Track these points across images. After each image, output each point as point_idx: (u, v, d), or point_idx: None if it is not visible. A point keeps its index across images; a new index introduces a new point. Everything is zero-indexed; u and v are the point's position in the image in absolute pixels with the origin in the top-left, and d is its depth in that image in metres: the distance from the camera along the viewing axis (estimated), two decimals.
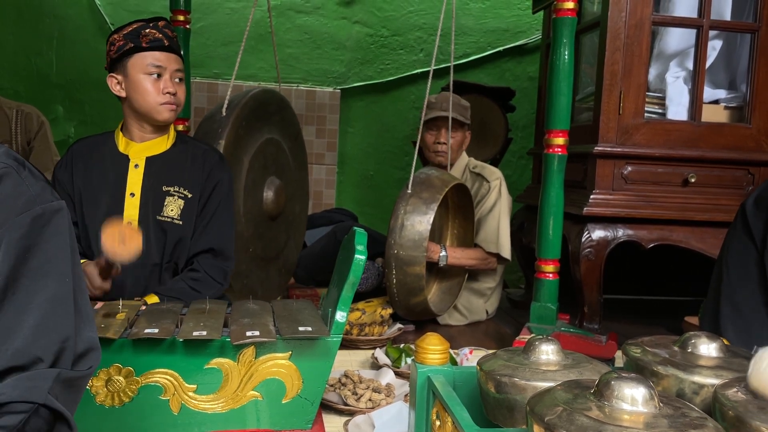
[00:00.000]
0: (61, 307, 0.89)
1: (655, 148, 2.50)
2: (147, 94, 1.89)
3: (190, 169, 1.98)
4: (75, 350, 0.88)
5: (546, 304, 2.32)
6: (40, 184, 0.93)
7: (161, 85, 1.89)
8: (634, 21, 2.46)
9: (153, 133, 1.98)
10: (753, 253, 1.59)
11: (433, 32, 4.04)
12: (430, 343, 1.21)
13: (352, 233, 1.52)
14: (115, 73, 1.93)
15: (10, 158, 0.92)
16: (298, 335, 1.41)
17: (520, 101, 3.78)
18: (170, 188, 1.95)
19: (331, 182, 4.01)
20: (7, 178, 0.89)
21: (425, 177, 2.47)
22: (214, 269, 1.94)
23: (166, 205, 1.94)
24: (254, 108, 2.43)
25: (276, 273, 2.70)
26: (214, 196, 1.97)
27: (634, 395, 0.81)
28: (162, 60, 1.89)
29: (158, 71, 1.89)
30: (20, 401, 0.81)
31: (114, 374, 1.38)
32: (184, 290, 1.86)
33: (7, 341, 0.85)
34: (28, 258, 0.88)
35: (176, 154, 2.00)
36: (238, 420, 1.46)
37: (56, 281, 0.90)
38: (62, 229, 0.93)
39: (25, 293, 0.87)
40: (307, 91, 3.90)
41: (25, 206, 0.89)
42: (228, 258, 1.98)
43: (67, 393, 0.87)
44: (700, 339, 1.14)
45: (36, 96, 3.70)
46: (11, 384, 0.82)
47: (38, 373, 0.84)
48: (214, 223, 1.97)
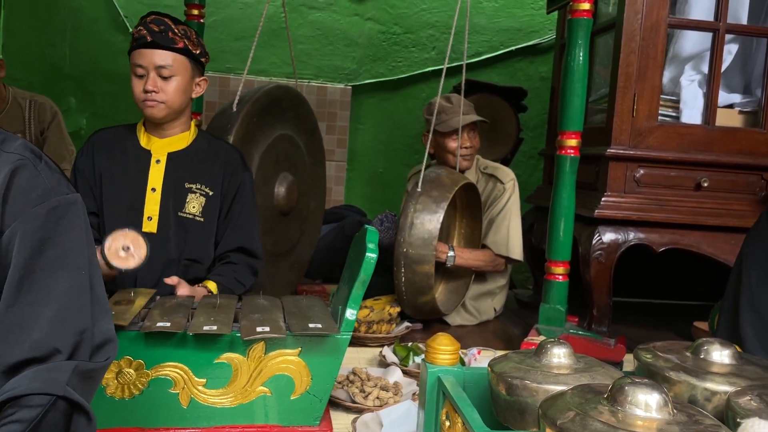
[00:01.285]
0: (78, 299, 0.90)
1: (668, 151, 2.49)
2: (133, 93, 1.90)
3: (211, 167, 1.98)
4: (92, 342, 0.89)
5: (555, 305, 2.31)
6: (55, 176, 0.93)
7: (143, 84, 1.87)
8: (649, 23, 2.45)
9: (170, 129, 1.97)
10: None
11: (445, 30, 4.03)
12: (441, 343, 1.21)
13: (363, 231, 1.52)
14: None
15: (27, 150, 0.92)
16: (308, 332, 1.41)
17: (531, 101, 3.77)
18: (192, 185, 1.95)
19: (340, 179, 4.01)
20: (24, 170, 0.90)
21: (435, 176, 2.46)
22: (246, 265, 1.97)
23: (188, 202, 1.94)
24: (266, 104, 2.43)
25: (287, 268, 2.70)
26: (239, 196, 1.99)
27: (648, 401, 0.81)
28: (142, 58, 1.86)
29: (140, 71, 1.87)
30: (38, 393, 0.82)
31: (124, 367, 1.39)
32: (232, 282, 1.91)
33: (24, 333, 0.85)
34: (43, 250, 0.89)
35: (198, 151, 2.00)
36: (247, 415, 1.46)
37: (72, 273, 0.91)
38: (78, 221, 0.93)
39: (41, 285, 0.88)
40: (319, 87, 3.90)
41: (40, 198, 0.89)
42: (257, 256, 2.01)
43: (85, 384, 0.88)
44: (713, 345, 1.13)
45: (49, 87, 3.71)
46: (29, 376, 0.83)
47: (56, 365, 0.85)
48: (242, 223, 1.98)
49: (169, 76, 1.87)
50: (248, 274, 1.97)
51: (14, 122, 2.97)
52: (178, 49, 1.88)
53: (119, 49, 3.79)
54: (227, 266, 1.95)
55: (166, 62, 1.86)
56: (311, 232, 2.87)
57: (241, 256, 1.98)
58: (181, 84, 1.90)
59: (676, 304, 3.34)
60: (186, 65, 1.91)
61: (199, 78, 1.99)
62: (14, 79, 3.52)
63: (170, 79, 1.88)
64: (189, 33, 1.94)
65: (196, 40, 1.95)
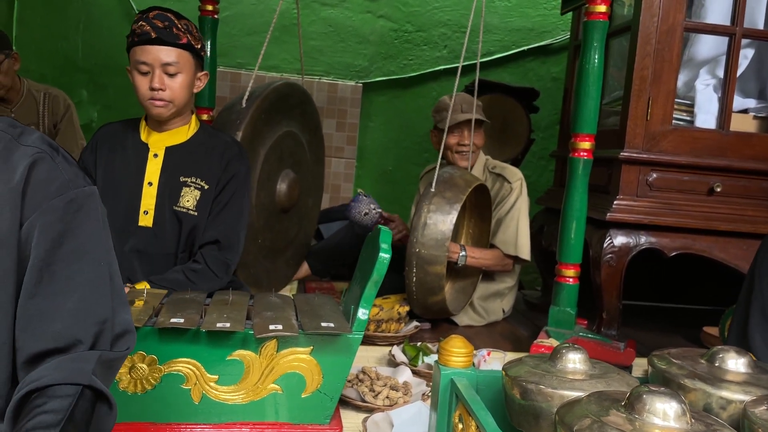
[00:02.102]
0: (98, 290, 0.91)
1: (681, 155, 2.47)
2: (137, 90, 1.87)
3: (208, 161, 1.97)
4: (113, 331, 0.90)
5: (565, 308, 2.31)
6: (73, 169, 0.94)
7: (148, 81, 1.84)
8: (665, 26, 2.44)
9: (170, 123, 1.96)
10: None
11: (457, 29, 4.02)
12: (454, 345, 1.21)
13: (376, 231, 1.52)
14: (129, 67, 1.92)
15: (44, 144, 0.93)
16: (321, 331, 1.41)
17: (542, 102, 3.76)
18: (187, 179, 1.94)
19: (349, 176, 4.01)
20: (42, 163, 0.91)
21: (449, 176, 2.46)
22: (217, 262, 1.90)
23: (182, 196, 1.93)
24: (275, 101, 2.44)
25: (284, 264, 2.71)
26: (228, 187, 1.95)
27: (666, 410, 0.81)
28: (148, 54, 1.82)
29: (144, 68, 1.83)
30: (66, 383, 0.82)
31: (138, 362, 1.40)
32: (179, 281, 1.83)
33: (44, 324, 0.86)
34: (62, 242, 0.89)
35: (196, 145, 1.99)
36: (258, 412, 1.47)
37: (91, 264, 0.91)
38: (95, 213, 0.94)
39: (60, 277, 0.89)
40: (329, 84, 3.90)
41: (58, 191, 0.90)
42: (233, 251, 1.95)
43: (106, 374, 0.89)
44: (729, 353, 1.13)
45: (61, 80, 3.73)
46: (53, 366, 0.84)
47: (80, 355, 0.86)
48: (224, 215, 1.94)
49: (175, 73, 1.85)
50: (210, 273, 1.89)
51: (28, 114, 2.98)
52: (182, 45, 1.85)
53: None
54: (186, 265, 1.90)
55: (171, 59, 1.83)
56: (307, 228, 2.89)
57: (213, 251, 1.91)
58: (186, 80, 1.88)
59: (686, 309, 3.33)
60: (190, 61, 1.89)
61: (200, 73, 1.97)
62: (27, 71, 3.53)
63: (176, 76, 1.85)
64: (191, 28, 1.91)
65: (197, 34, 1.93)
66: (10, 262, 0.88)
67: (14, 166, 0.89)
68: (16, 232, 0.88)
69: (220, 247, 1.93)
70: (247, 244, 2.28)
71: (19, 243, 0.88)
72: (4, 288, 0.87)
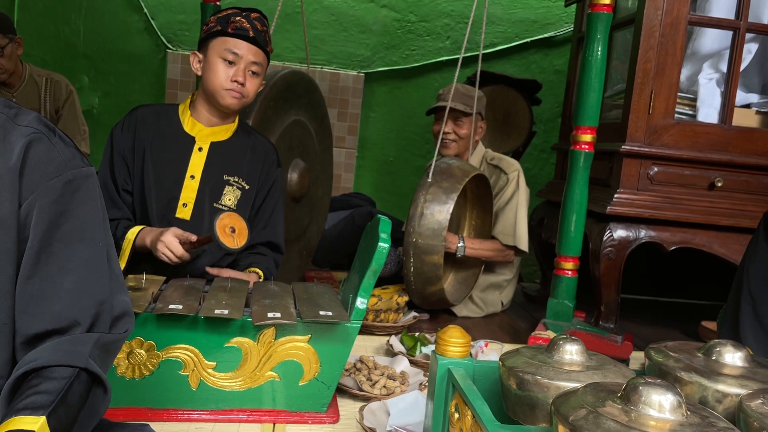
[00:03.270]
0: (96, 271, 0.91)
1: (683, 149, 2.47)
2: (216, 77, 1.88)
3: (251, 163, 2.00)
4: (111, 313, 0.90)
5: (563, 301, 2.31)
6: (70, 150, 0.94)
7: (232, 72, 1.88)
8: (669, 20, 2.42)
9: (220, 118, 1.97)
10: None
11: (461, 20, 4.00)
12: (452, 335, 1.21)
13: (376, 221, 1.52)
14: (199, 51, 1.94)
15: (40, 124, 0.93)
16: (319, 319, 1.41)
17: (544, 94, 3.75)
18: (230, 177, 1.96)
19: (350, 166, 4.01)
20: (39, 143, 0.90)
21: (446, 166, 2.46)
22: (272, 260, 2.04)
23: (224, 194, 1.95)
24: (282, 89, 2.43)
25: (296, 255, 2.71)
26: (272, 192, 2.04)
27: (661, 402, 0.81)
28: (240, 48, 1.87)
29: (233, 58, 1.87)
30: (62, 365, 0.82)
31: (136, 347, 1.40)
32: (269, 272, 1.98)
33: (43, 305, 0.86)
34: (61, 223, 0.89)
35: (239, 144, 2.00)
36: (255, 399, 1.47)
37: (89, 246, 0.91)
38: (93, 194, 0.94)
39: (59, 257, 0.89)
40: (331, 74, 3.89)
41: (56, 171, 0.90)
42: (281, 251, 2.08)
43: (104, 356, 0.89)
44: (725, 347, 1.13)
45: (62, 65, 3.72)
46: (51, 348, 0.84)
47: (78, 338, 0.86)
48: (274, 220, 2.05)
49: (256, 74, 1.92)
50: (274, 267, 2.04)
51: (30, 99, 2.98)
52: (267, 52, 1.95)
53: (134, 30, 3.78)
54: (261, 257, 2.01)
55: (259, 60, 1.91)
56: (319, 219, 2.88)
57: (268, 250, 2.04)
58: (259, 83, 1.96)
59: (685, 303, 3.33)
60: (265, 68, 1.98)
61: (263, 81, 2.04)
62: (28, 56, 3.52)
63: (256, 77, 1.93)
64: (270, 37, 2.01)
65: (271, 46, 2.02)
66: (9, 243, 0.87)
67: (11, 146, 0.88)
68: (15, 213, 0.88)
69: (273, 248, 2.05)
70: None
71: (18, 224, 0.88)
72: (4, 269, 0.87)
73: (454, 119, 2.69)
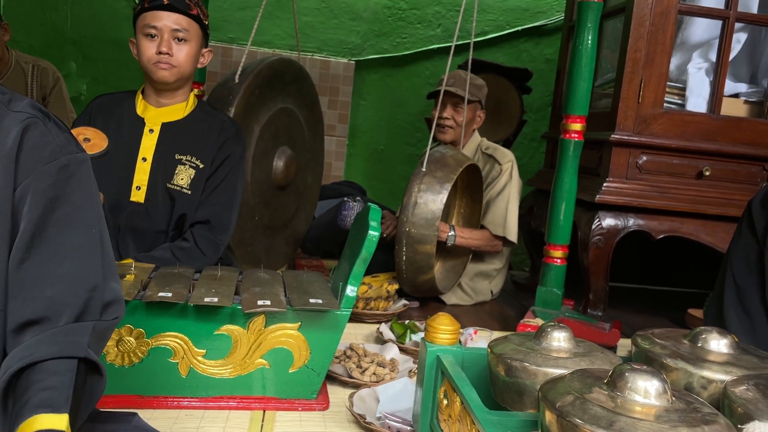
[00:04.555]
0: (89, 257, 0.90)
1: (672, 139, 2.48)
2: (143, 54, 1.87)
3: (205, 140, 1.96)
4: (103, 299, 0.89)
5: (552, 289, 2.33)
6: (65, 135, 0.93)
7: (155, 45, 1.85)
8: (659, 9, 2.43)
9: (169, 98, 1.95)
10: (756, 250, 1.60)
11: (452, 7, 3.99)
12: (441, 322, 1.22)
13: (366, 209, 1.52)
14: (134, 37, 1.93)
15: (35, 109, 0.92)
16: (309, 307, 1.42)
17: (535, 83, 3.75)
18: (182, 157, 1.93)
19: (340, 154, 4.00)
20: (34, 128, 0.90)
21: (440, 156, 2.46)
22: (206, 241, 1.90)
23: (176, 174, 1.92)
24: (269, 77, 2.41)
25: (283, 242, 2.71)
26: (222, 167, 1.95)
27: (647, 388, 0.82)
28: (158, 19, 1.84)
29: (153, 31, 1.85)
30: (62, 357, 0.82)
31: (125, 335, 1.40)
32: (165, 258, 1.82)
33: (36, 290, 0.85)
34: (55, 208, 0.89)
35: (193, 123, 1.97)
36: (245, 386, 1.48)
37: (83, 231, 0.91)
38: (87, 180, 0.94)
39: (52, 242, 0.88)
40: (322, 61, 3.87)
41: (51, 156, 0.89)
42: (223, 231, 1.94)
43: (98, 344, 0.89)
44: (711, 334, 1.14)
45: (50, 51, 3.67)
46: (47, 340, 0.83)
47: (74, 327, 0.85)
48: (216, 195, 1.94)
49: (183, 41, 1.87)
50: (199, 252, 1.88)
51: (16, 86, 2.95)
52: (192, 15, 1.88)
53: (123, 15, 3.74)
54: (174, 243, 1.89)
55: (182, 26, 1.86)
56: (307, 206, 2.87)
57: (203, 230, 1.91)
58: (192, 50, 1.90)
59: (672, 291, 3.36)
60: (198, 33, 1.92)
61: (205, 49, 1.99)
62: (15, 42, 3.47)
63: (184, 43, 1.88)
64: (200, 2, 1.93)
65: (205, 11, 1.95)
66: (3, 227, 0.87)
67: (6, 131, 0.88)
68: (10, 197, 0.87)
69: (211, 227, 1.93)
70: (244, 221, 2.27)
71: (12, 208, 0.88)
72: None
73: (454, 105, 2.69)
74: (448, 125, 2.71)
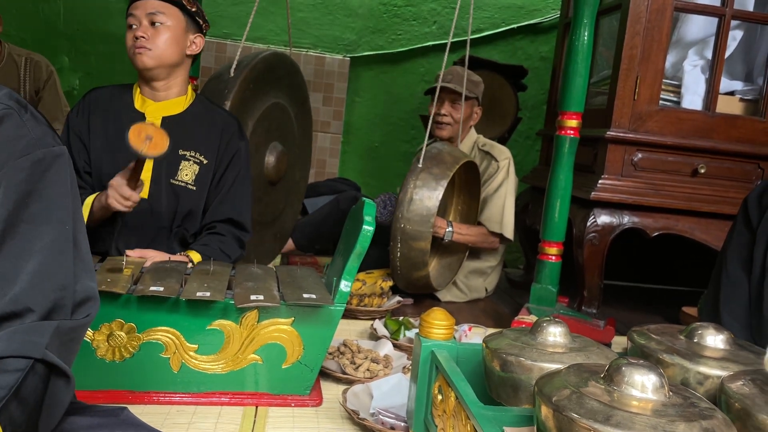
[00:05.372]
0: (61, 255, 0.87)
1: (667, 136, 2.48)
2: (126, 46, 1.86)
3: (207, 135, 1.93)
4: (74, 298, 0.86)
5: (547, 285, 2.32)
6: (41, 128, 0.90)
7: (134, 33, 1.84)
8: (656, 6, 2.42)
9: (167, 91, 1.92)
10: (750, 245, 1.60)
11: (447, 4, 3.98)
12: (436, 318, 1.21)
13: (360, 204, 1.51)
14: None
15: (12, 100, 0.89)
16: (302, 302, 1.40)
17: (530, 81, 3.74)
18: (186, 152, 1.90)
19: (335, 151, 3.98)
20: (8, 119, 0.86)
21: (437, 152, 2.44)
22: (233, 238, 1.91)
23: (180, 169, 1.90)
24: (263, 71, 2.40)
25: (271, 238, 2.69)
26: (232, 165, 1.94)
27: (644, 382, 0.81)
28: (135, 9, 1.83)
29: (132, 21, 1.84)
30: (16, 356, 0.78)
31: (116, 329, 1.38)
32: (217, 252, 1.84)
33: (5, 287, 0.82)
34: (28, 203, 0.85)
35: (194, 118, 1.95)
36: (237, 382, 1.46)
37: (56, 228, 0.87)
38: (63, 174, 0.90)
39: (24, 239, 0.85)
40: (317, 57, 3.85)
41: (25, 149, 0.86)
42: (245, 229, 1.95)
43: (67, 345, 0.85)
44: (707, 330, 1.14)
45: (42, 45, 3.64)
46: (6, 338, 0.79)
47: (35, 326, 0.82)
48: (233, 193, 1.93)
49: (159, 24, 1.84)
50: (235, 247, 1.91)
51: (9, 79, 2.92)
52: (171, 1, 1.86)
53: (115, 9, 3.72)
54: (214, 236, 1.90)
55: (156, 9, 1.83)
56: (294, 203, 2.86)
57: (228, 228, 1.92)
58: (172, 35, 1.86)
59: (667, 289, 3.37)
60: (178, 17, 1.87)
61: (194, 35, 1.93)
62: (7, 35, 3.44)
63: (160, 27, 1.84)
64: None
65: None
66: None
67: None
68: None
69: (234, 224, 1.93)
70: None
71: None
72: None
73: (452, 101, 2.69)
74: (445, 122, 2.70)
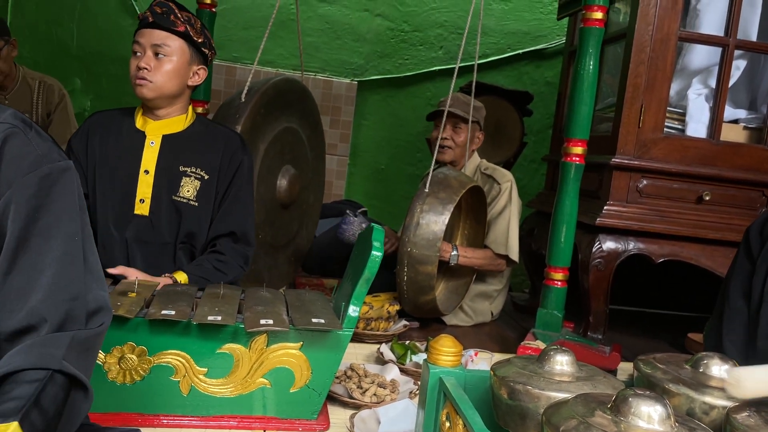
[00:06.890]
0: (72, 266, 0.90)
1: (672, 163, 2.50)
2: (130, 73, 1.90)
3: (208, 151, 1.96)
4: (87, 308, 0.89)
5: (552, 311, 2.33)
6: (47, 144, 0.93)
7: (138, 62, 1.87)
8: (660, 35, 2.46)
9: (167, 111, 1.95)
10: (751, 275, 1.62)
11: (454, 30, 4.04)
12: (444, 344, 1.23)
13: (369, 229, 1.53)
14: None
15: (17, 119, 0.92)
16: (311, 326, 1.42)
17: (535, 106, 3.78)
18: (187, 168, 1.93)
19: (341, 173, 4.02)
20: (14, 138, 0.90)
21: (443, 177, 2.47)
22: (236, 253, 1.92)
23: (182, 186, 1.92)
24: (274, 96, 2.44)
25: (285, 261, 2.71)
26: (235, 179, 1.96)
27: (650, 413, 0.82)
28: (141, 36, 1.86)
29: (137, 48, 1.88)
30: (34, 368, 0.81)
31: (127, 352, 1.40)
32: (210, 271, 1.85)
33: (21, 300, 0.85)
34: (37, 218, 0.89)
35: (194, 135, 1.98)
36: (246, 406, 1.48)
37: (66, 240, 0.91)
38: (70, 188, 0.93)
39: (36, 253, 0.88)
40: (324, 81, 3.90)
41: (32, 166, 0.89)
42: (248, 243, 1.96)
43: (83, 355, 0.88)
44: (713, 360, 1.15)
45: (55, 67, 3.70)
46: (24, 351, 0.82)
47: (50, 338, 0.84)
48: (235, 207, 1.95)
49: (163, 56, 1.87)
50: (234, 265, 1.92)
51: (22, 102, 2.97)
52: (178, 32, 1.88)
53: (127, 33, 3.78)
54: (211, 255, 1.91)
55: (162, 42, 1.86)
56: (309, 225, 2.88)
57: (230, 243, 1.93)
58: (174, 68, 1.88)
59: (672, 315, 3.36)
60: (184, 49, 1.90)
61: (197, 66, 1.96)
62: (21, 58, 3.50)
63: (164, 59, 1.87)
64: (193, 21, 1.93)
65: (200, 29, 1.94)
66: None
67: None
68: None
69: (236, 239, 1.94)
70: None
71: None
72: None
73: (453, 126, 2.72)
74: (447, 145, 2.73)
